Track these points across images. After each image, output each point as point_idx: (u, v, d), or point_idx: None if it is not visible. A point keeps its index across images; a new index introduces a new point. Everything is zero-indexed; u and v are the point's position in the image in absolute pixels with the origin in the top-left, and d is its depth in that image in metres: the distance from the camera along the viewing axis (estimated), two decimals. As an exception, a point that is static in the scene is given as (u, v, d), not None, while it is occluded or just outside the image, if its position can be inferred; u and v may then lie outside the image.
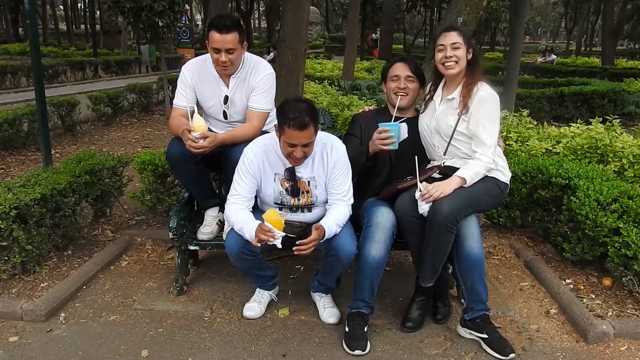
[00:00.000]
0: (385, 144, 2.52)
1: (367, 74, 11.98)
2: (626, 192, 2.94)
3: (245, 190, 2.48)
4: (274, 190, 2.52)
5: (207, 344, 2.48)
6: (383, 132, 2.52)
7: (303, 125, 2.24)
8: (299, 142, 2.29)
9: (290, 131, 2.25)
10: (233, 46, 2.59)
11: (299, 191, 2.51)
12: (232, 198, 2.49)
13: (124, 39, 20.55)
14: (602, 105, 9.00)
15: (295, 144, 2.29)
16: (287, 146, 2.33)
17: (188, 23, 17.06)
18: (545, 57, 18.36)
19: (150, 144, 6.81)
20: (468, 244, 2.44)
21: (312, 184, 2.51)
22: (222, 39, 2.56)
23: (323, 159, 2.49)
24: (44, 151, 4.11)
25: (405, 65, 2.69)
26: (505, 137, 4.03)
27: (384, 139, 2.52)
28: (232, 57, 2.62)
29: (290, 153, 2.34)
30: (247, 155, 2.48)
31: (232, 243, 2.44)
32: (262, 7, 39.91)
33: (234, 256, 2.48)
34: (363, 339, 2.44)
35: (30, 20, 3.99)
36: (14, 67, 12.16)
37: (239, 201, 2.47)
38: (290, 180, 2.49)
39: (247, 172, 2.47)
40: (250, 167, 2.46)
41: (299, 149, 2.31)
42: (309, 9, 4.92)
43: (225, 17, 2.61)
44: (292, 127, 2.24)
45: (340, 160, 2.49)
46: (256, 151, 2.48)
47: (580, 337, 2.57)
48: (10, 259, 2.86)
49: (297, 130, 2.24)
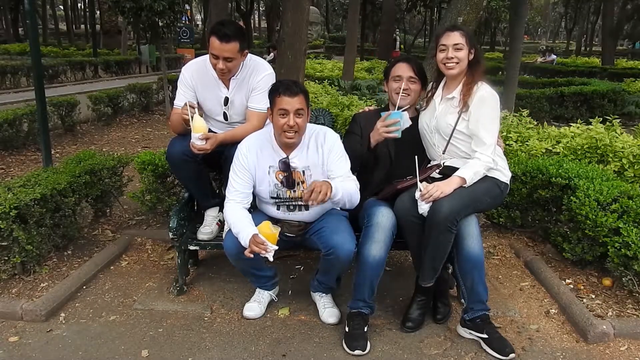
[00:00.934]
0: (389, 131, 2.53)
1: (367, 74, 11.98)
2: (626, 192, 2.94)
3: (241, 185, 2.50)
4: (269, 183, 2.52)
5: (207, 344, 2.48)
6: (387, 119, 2.52)
7: (294, 92, 2.34)
8: (291, 107, 2.33)
9: (282, 98, 2.34)
10: (232, 55, 2.58)
11: (294, 182, 2.51)
12: (230, 195, 2.51)
13: (124, 39, 20.55)
14: (602, 105, 9.00)
15: (287, 110, 2.33)
16: (279, 117, 2.36)
17: (188, 23, 17.09)
18: (545, 57, 18.35)
19: (150, 144, 6.81)
20: (468, 244, 2.44)
21: (307, 173, 2.51)
22: (221, 47, 2.55)
23: (317, 147, 2.50)
24: (44, 151, 4.11)
25: (408, 66, 2.68)
26: (505, 137, 4.03)
27: (387, 127, 2.52)
28: (229, 65, 2.61)
29: (283, 125, 2.35)
30: (241, 150, 2.52)
31: (230, 244, 2.45)
32: (262, 7, 39.93)
33: (232, 257, 2.49)
34: (363, 339, 2.44)
35: (30, 20, 4.00)
36: (14, 67, 12.17)
37: (236, 197, 2.49)
38: (285, 171, 2.49)
39: (241, 167, 2.49)
40: (244, 162, 2.49)
41: (291, 117, 2.34)
42: (309, 9, 4.93)
43: (227, 25, 2.57)
44: (283, 94, 2.34)
45: (335, 145, 2.50)
46: (249, 145, 2.52)
47: (580, 337, 2.57)
48: (10, 259, 2.86)
49: (287, 97, 2.33)
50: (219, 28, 2.55)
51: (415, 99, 2.73)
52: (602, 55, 19.89)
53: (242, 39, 2.61)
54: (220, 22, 2.64)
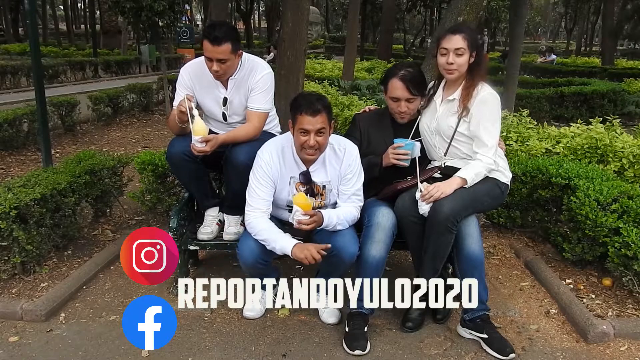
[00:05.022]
0: (399, 159, 2.56)
1: (367, 74, 11.97)
2: (626, 192, 2.94)
3: (265, 193, 2.47)
4: (288, 193, 2.52)
5: (207, 344, 2.48)
6: (398, 149, 2.56)
7: (316, 110, 2.30)
8: (313, 127, 2.31)
9: (303, 117, 2.31)
10: (225, 57, 2.57)
11: (313, 194, 2.52)
12: (254, 203, 2.46)
13: (124, 39, 20.53)
14: (602, 105, 9.00)
15: (308, 130, 2.31)
16: (300, 135, 2.34)
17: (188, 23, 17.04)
18: (545, 57, 18.32)
19: (150, 144, 6.81)
20: (468, 244, 2.44)
21: (327, 187, 2.53)
22: (213, 49, 2.54)
23: (337, 161, 2.50)
24: (44, 151, 4.11)
25: (404, 87, 2.57)
26: (505, 137, 4.03)
27: (398, 155, 2.56)
28: (224, 66, 2.60)
29: (304, 143, 2.34)
30: (263, 158, 2.47)
31: (247, 253, 2.42)
32: (262, 7, 39.93)
33: (248, 264, 2.45)
34: (363, 339, 2.44)
35: (30, 20, 4.00)
36: (14, 67, 12.14)
37: (261, 206, 2.46)
38: (306, 184, 2.49)
39: (264, 175, 2.46)
40: (268, 170, 2.46)
41: (312, 137, 2.32)
42: (309, 9, 4.92)
43: (218, 28, 2.54)
44: (305, 112, 2.31)
45: (353, 162, 2.50)
46: (272, 153, 2.48)
47: (580, 337, 2.57)
48: (10, 259, 2.86)
49: (309, 116, 2.30)
50: (209, 31, 2.54)
51: (415, 111, 2.70)
52: (602, 55, 19.87)
53: (235, 39, 2.59)
54: (212, 24, 2.62)
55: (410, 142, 2.57)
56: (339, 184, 2.52)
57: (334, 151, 2.50)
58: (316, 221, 2.34)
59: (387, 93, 2.66)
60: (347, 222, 2.46)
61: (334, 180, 2.52)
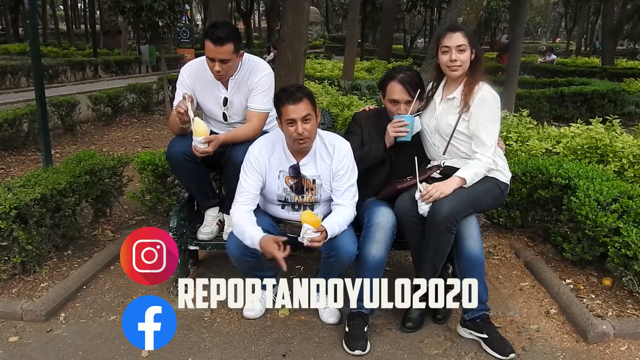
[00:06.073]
0: (399, 131, 2.54)
1: (367, 74, 11.96)
2: (626, 192, 2.94)
3: (250, 187, 2.50)
4: (278, 187, 2.53)
5: (207, 344, 2.48)
6: (398, 122, 2.55)
7: (297, 98, 2.33)
8: (298, 115, 2.33)
9: (286, 107, 2.34)
10: (227, 57, 2.57)
11: (303, 188, 2.53)
12: (238, 196, 2.51)
13: (124, 39, 20.53)
14: (602, 105, 9.00)
15: (294, 119, 2.33)
16: (288, 127, 2.36)
17: (188, 23, 17.07)
18: (545, 57, 18.32)
19: (150, 144, 6.81)
20: (468, 244, 2.44)
21: (317, 182, 2.53)
22: (216, 50, 2.54)
23: (327, 157, 2.51)
24: (44, 151, 4.11)
25: (403, 89, 2.57)
26: (505, 137, 4.03)
27: (398, 127, 2.54)
28: (226, 67, 2.61)
29: (293, 133, 2.36)
30: (252, 152, 2.51)
31: (233, 245, 2.46)
32: (262, 7, 39.92)
33: (235, 258, 2.50)
34: (363, 339, 2.44)
35: (30, 20, 4.00)
36: (14, 67, 12.15)
37: (245, 199, 2.49)
38: (295, 178, 2.50)
39: (252, 169, 2.49)
40: (256, 164, 2.49)
41: (299, 125, 2.34)
42: (309, 9, 4.93)
43: (220, 28, 2.54)
44: (287, 102, 2.34)
45: (345, 158, 2.51)
46: (261, 147, 2.52)
47: (580, 337, 2.57)
48: (10, 259, 2.86)
49: (292, 105, 2.33)
50: (212, 31, 2.54)
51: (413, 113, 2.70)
52: (602, 55, 19.87)
53: (237, 40, 2.60)
54: (214, 24, 2.61)
55: (409, 116, 2.56)
56: (332, 180, 2.52)
57: (325, 145, 2.52)
58: (325, 236, 2.35)
59: (386, 96, 2.66)
60: (345, 225, 2.46)
61: (324, 175, 2.51)
